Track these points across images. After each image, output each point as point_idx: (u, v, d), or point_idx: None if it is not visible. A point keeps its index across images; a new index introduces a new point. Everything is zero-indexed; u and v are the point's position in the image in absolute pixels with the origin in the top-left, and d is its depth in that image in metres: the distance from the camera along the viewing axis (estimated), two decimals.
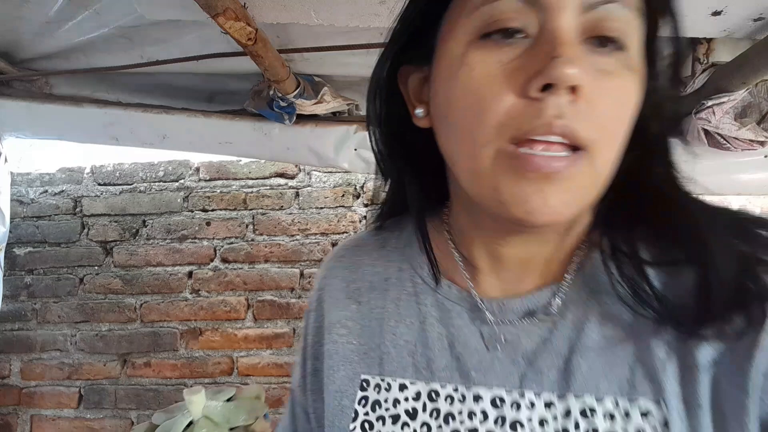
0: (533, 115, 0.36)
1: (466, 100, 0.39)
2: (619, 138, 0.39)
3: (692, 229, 0.42)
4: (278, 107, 1.27)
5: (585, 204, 0.40)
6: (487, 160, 0.38)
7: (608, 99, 0.37)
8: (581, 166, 0.37)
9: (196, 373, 1.98)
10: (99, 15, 1.14)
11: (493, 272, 0.48)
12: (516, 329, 0.46)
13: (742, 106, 1.10)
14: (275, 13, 0.98)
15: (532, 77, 0.36)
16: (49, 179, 2.11)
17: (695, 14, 0.94)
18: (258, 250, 2.01)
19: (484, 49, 0.38)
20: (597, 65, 0.37)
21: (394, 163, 0.52)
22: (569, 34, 0.36)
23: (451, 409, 0.45)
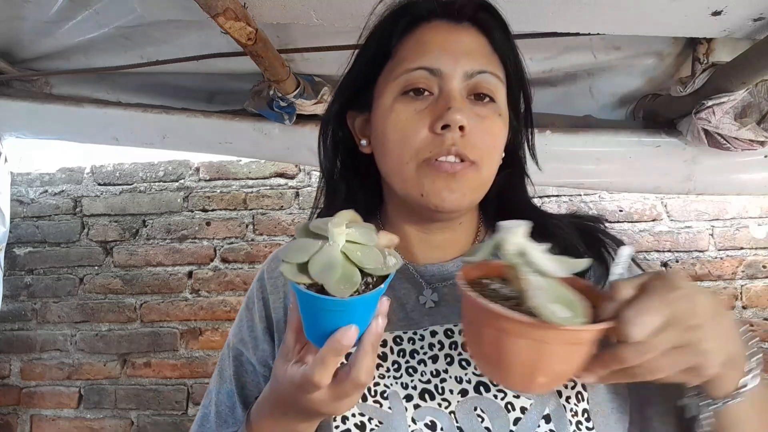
0: (438, 144, 0.59)
1: (395, 134, 0.62)
2: (495, 157, 0.64)
3: (544, 218, 0.67)
4: (278, 107, 1.27)
5: (475, 198, 0.63)
6: (412, 170, 0.61)
7: (484, 133, 0.61)
8: (471, 172, 0.60)
9: (196, 373, 1.98)
10: (99, 15, 1.14)
11: (424, 250, 0.69)
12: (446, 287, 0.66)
13: (742, 106, 1.10)
14: (275, 13, 0.98)
15: (436, 120, 0.59)
16: (49, 179, 2.11)
17: (695, 14, 0.94)
18: (258, 250, 2.01)
19: (404, 102, 0.62)
20: (477, 112, 0.61)
21: (344, 177, 0.73)
22: (458, 93, 0.60)
23: (414, 347, 0.62)
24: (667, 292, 0.43)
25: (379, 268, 0.47)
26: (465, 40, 0.62)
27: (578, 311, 0.42)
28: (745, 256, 1.88)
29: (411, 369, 0.61)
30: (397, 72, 0.62)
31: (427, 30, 0.63)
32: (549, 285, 0.43)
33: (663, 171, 1.28)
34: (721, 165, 1.26)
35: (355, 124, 0.71)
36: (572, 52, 1.18)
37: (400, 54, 0.63)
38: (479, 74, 0.61)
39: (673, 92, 1.14)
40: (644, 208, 1.92)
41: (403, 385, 0.60)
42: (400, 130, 0.61)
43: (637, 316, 0.42)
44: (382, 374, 0.61)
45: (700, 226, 1.90)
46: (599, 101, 1.32)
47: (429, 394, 0.59)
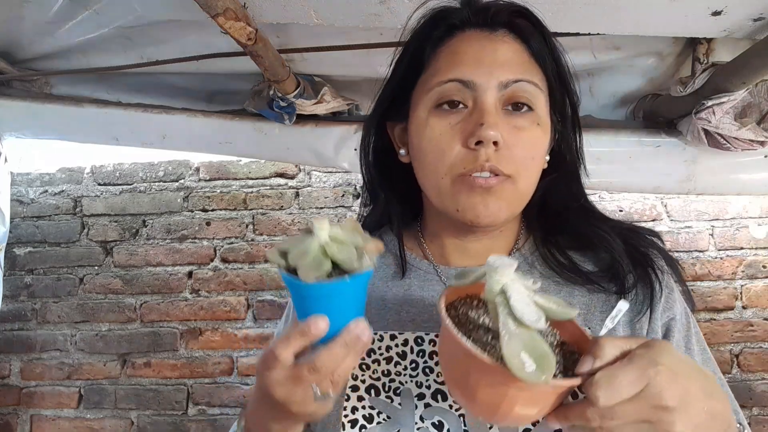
0: (472, 160, 0.59)
1: (430, 148, 0.62)
2: (533, 168, 0.62)
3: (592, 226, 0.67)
4: (278, 107, 1.27)
5: (512, 211, 0.63)
6: (447, 185, 0.61)
7: (521, 145, 0.60)
8: (507, 185, 0.60)
9: (196, 373, 1.98)
10: (99, 15, 1.14)
11: (460, 257, 0.69)
12: None
13: (742, 106, 1.10)
14: (275, 13, 0.98)
15: (469, 136, 0.58)
16: (49, 179, 2.11)
17: (695, 14, 0.94)
18: (258, 250, 2.01)
19: (439, 115, 0.61)
20: (514, 123, 0.60)
21: (381, 188, 0.73)
22: (492, 106, 0.59)
23: (434, 349, 0.62)
24: (648, 365, 0.42)
25: (349, 262, 0.49)
26: (500, 49, 0.61)
27: (547, 366, 0.41)
28: (745, 256, 1.88)
29: (428, 369, 0.61)
30: (431, 84, 0.62)
31: (461, 40, 0.62)
32: (524, 332, 0.42)
33: (663, 171, 1.28)
34: (721, 165, 1.26)
35: (395, 133, 0.71)
36: (572, 52, 1.16)
37: (434, 65, 0.63)
38: (515, 83, 0.59)
39: (673, 92, 1.14)
40: (644, 208, 1.92)
41: (418, 384, 0.61)
42: (434, 144, 0.61)
43: (609, 382, 0.41)
44: (398, 372, 0.62)
45: (700, 226, 1.90)
46: (599, 101, 1.32)
47: (441, 394, 0.60)
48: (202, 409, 1.96)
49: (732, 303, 1.87)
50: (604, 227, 0.66)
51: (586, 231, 0.66)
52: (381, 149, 0.73)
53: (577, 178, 0.69)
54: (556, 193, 0.69)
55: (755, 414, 1.83)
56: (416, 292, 0.68)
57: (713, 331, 1.85)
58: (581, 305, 0.63)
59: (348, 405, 0.61)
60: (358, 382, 0.62)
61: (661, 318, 0.63)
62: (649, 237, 0.68)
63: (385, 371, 0.62)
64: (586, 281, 0.64)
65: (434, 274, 0.69)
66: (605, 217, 0.69)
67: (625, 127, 1.29)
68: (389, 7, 0.95)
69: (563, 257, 0.66)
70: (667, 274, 0.65)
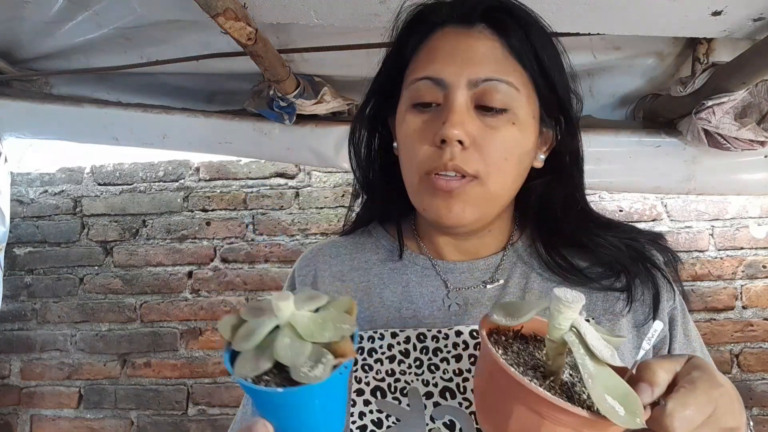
0: (437, 158, 0.58)
1: (406, 144, 0.62)
2: (507, 169, 0.59)
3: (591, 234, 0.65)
4: (278, 107, 1.27)
5: (482, 212, 0.60)
6: (416, 183, 0.61)
7: (493, 144, 0.58)
8: (472, 187, 0.58)
9: (196, 373, 1.98)
10: (99, 15, 1.14)
11: (453, 253, 0.68)
12: (479, 288, 0.65)
13: (742, 106, 1.10)
14: (275, 13, 0.98)
15: (435, 134, 0.57)
16: (49, 179, 2.11)
17: (695, 14, 0.94)
18: (258, 250, 2.01)
19: (414, 113, 0.61)
20: (486, 122, 0.58)
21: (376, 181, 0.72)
22: (460, 104, 0.57)
23: (437, 345, 0.61)
24: (711, 387, 0.41)
25: (294, 369, 0.39)
26: (474, 45, 0.58)
27: (635, 406, 0.38)
28: (745, 256, 1.88)
29: (433, 366, 0.60)
30: (408, 81, 0.62)
31: (438, 37, 0.61)
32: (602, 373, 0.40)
33: (663, 171, 1.28)
34: (721, 165, 1.26)
35: (393, 126, 0.70)
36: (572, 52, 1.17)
37: (414, 63, 0.62)
38: (485, 82, 0.57)
39: (673, 92, 1.14)
40: (644, 208, 1.92)
41: (424, 382, 0.59)
42: (409, 141, 0.61)
43: (683, 411, 0.39)
44: (403, 370, 0.60)
45: (700, 226, 1.90)
46: (599, 101, 1.32)
47: (450, 392, 0.58)
48: (202, 409, 1.96)
49: (732, 303, 1.86)
50: (600, 235, 0.65)
51: (584, 239, 0.65)
52: (377, 144, 0.72)
53: (575, 182, 0.66)
54: (554, 196, 0.66)
55: (755, 414, 1.83)
56: (415, 288, 0.67)
57: (713, 331, 1.85)
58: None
59: (355, 411, 0.59)
60: (362, 385, 0.60)
61: (666, 310, 0.64)
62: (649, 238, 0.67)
63: (389, 371, 0.60)
64: (585, 280, 0.63)
65: (432, 269, 0.68)
66: (606, 222, 0.67)
67: (625, 127, 1.29)
68: (389, 7, 0.95)
69: (559, 256, 0.65)
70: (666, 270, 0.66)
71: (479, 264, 0.67)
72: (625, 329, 0.61)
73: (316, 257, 0.73)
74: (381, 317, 0.65)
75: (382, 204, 0.73)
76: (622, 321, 0.62)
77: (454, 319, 0.63)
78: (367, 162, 0.72)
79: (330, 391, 0.41)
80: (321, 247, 0.75)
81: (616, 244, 0.64)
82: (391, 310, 0.65)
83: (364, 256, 0.72)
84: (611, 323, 0.61)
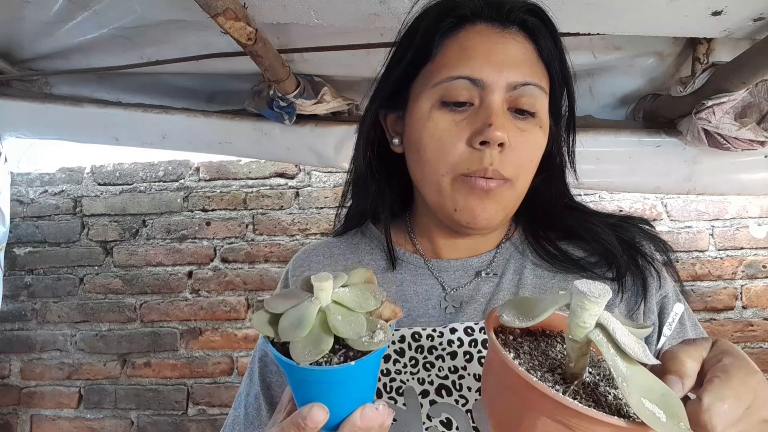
0: (476, 161, 0.57)
1: (432, 144, 0.59)
2: (532, 171, 0.62)
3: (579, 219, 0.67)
4: (278, 107, 1.27)
5: (508, 214, 0.63)
6: (446, 183, 0.60)
7: (524, 148, 0.59)
8: (506, 189, 0.59)
9: (196, 373, 1.98)
10: (99, 15, 1.14)
11: (450, 251, 0.69)
12: (473, 283, 0.66)
13: (742, 106, 1.10)
14: (275, 13, 0.98)
15: (475, 134, 0.57)
16: (49, 179, 2.11)
17: (695, 14, 0.94)
18: (258, 250, 2.01)
19: (444, 111, 0.59)
20: (517, 125, 0.58)
21: (372, 179, 0.70)
22: (499, 106, 0.57)
23: (432, 343, 0.61)
24: (747, 375, 0.38)
25: (358, 340, 0.40)
26: (511, 48, 0.58)
27: (677, 409, 0.34)
28: (745, 256, 1.88)
29: (428, 364, 0.60)
30: (438, 78, 0.59)
31: (471, 33, 0.59)
32: (637, 373, 0.36)
33: (663, 171, 1.28)
34: (721, 165, 1.26)
35: (387, 122, 0.69)
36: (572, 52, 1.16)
37: (442, 58, 0.60)
38: (523, 86, 0.57)
39: (673, 92, 1.14)
40: (644, 208, 1.92)
41: (420, 380, 0.59)
42: (437, 140, 0.59)
43: (721, 405, 0.36)
44: (398, 370, 0.60)
45: (700, 226, 1.90)
46: (599, 101, 1.32)
47: (446, 390, 0.58)
48: (202, 409, 1.96)
49: (732, 303, 1.86)
50: (591, 220, 0.66)
51: (573, 224, 0.67)
52: (374, 138, 0.71)
53: (562, 179, 0.68)
54: (544, 191, 0.68)
55: None
56: (409, 287, 0.67)
57: (713, 331, 1.85)
58: None
59: None
60: None
61: (655, 298, 0.64)
62: (635, 224, 0.67)
63: (384, 370, 0.60)
64: (578, 268, 0.64)
65: (425, 268, 0.68)
66: (592, 211, 0.69)
67: (625, 127, 1.29)
68: (389, 7, 0.95)
69: (553, 246, 0.66)
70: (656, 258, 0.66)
71: (473, 262, 0.68)
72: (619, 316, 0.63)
73: (310, 257, 0.73)
74: None
75: (375, 203, 0.73)
76: (615, 311, 0.61)
77: (448, 317, 0.64)
78: (365, 156, 0.71)
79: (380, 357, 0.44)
80: (314, 248, 0.75)
81: (606, 231, 0.64)
82: None
83: (357, 257, 0.72)
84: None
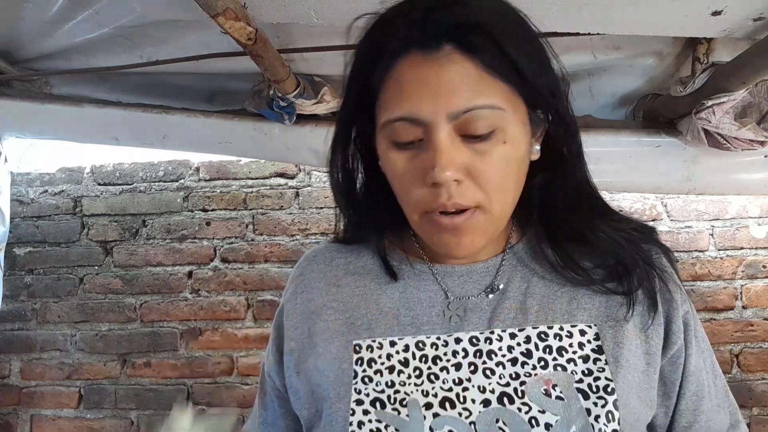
0: (434, 199, 0.54)
1: (395, 182, 0.59)
2: (507, 188, 0.57)
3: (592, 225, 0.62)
4: (278, 107, 1.27)
5: (490, 236, 0.59)
6: (416, 219, 0.59)
7: (488, 170, 0.54)
8: (478, 216, 0.56)
9: (196, 373, 1.98)
10: (99, 15, 1.14)
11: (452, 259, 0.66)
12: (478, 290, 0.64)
13: (742, 106, 1.10)
14: (275, 13, 0.98)
15: (426, 175, 0.53)
16: (49, 179, 2.11)
17: (695, 14, 0.94)
18: (258, 250, 2.01)
19: (397, 151, 0.56)
20: (475, 149, 0.53)
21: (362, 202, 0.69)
22: (444, 142, 0.52)
23: (437, 353, 0.60)
24: None
25: None
26: (444, 74, 0.52)
27: None
28: (745, 256, 1.88)
29: (433, 376, 0.59)
30: (382, 120, 0.56)
31: (404, 67, 0.54)
32: None
33: (663, 171, 1.28)
34: (721, 165, 1.26)
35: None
36: (572, 52, 1.18)
37: (383, 97, 0.56)
38: (466, 113, 0.52)
39: (673, 92, 1.14)
40: (644, 208, 1.91)
41: (424, 392, 0.58)
42: (398, 180, 0.58)
43: None
44: (402, 381, 0.59)
45: (700, 226, 1.90)
46: (599, 101, 1.32)
47: (450, 402, 0.57)
48: (203, 409, 1.96)
49: (732, 303, 1.86)
50: (606, 231, 0.62)
51: (584, 229, 0.62)
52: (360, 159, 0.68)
53: (577, 171, 0.63)
54: (557, 190, 0.63)
55: (755, 414, 1.83)
56: (413, 294, 0.65)
57: (713, 331, 1.85)
58: (586, 308, 0.61)
59: (354, 420, 0.58)
60: (362, 396, 0.59)
61: (681, 311, 0.62)
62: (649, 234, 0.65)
63: (389, 382, 0.59)
64: (588, 281, 0.61)
65: (429, 273, 0.66)
66: (606, 210, 0.64)
67: (625, 127, 1.29)
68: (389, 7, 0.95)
69: (562, 255, 0.63)
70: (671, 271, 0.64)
71: (478, 267, 0.65)
72: (631, 334, 0.59)
73: (311, 265, 0.72)
74: (379, 325, 0.64)
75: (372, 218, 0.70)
76: (627, 326, 0.60)
77: (453, 326, 0.62)
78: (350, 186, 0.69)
79: None
80: (316, 254, 0.73)
81: (619, 241, 0.61)
82: (389, 317, 0.64)
83: (361, 261, 0.70)
84: (614, 330, 0.59)
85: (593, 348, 0.58)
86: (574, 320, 0.60)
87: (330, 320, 0.65)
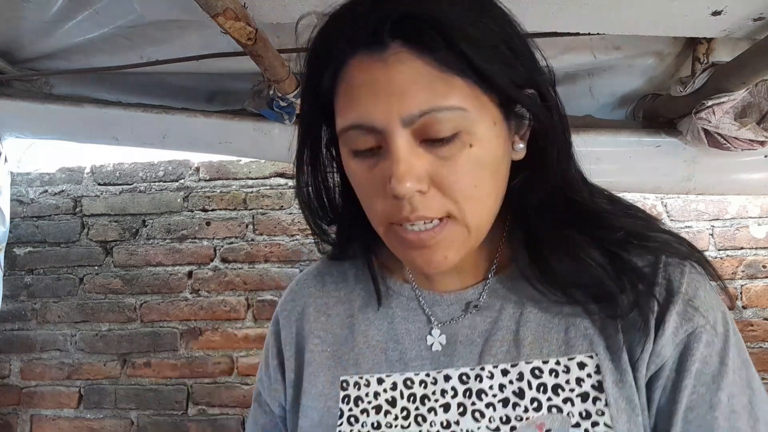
0: (397, 211, 0.48)
1: (359, 192, 0.53)
2: (480, 193, 0.49)
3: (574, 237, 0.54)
4: (278, 107, 1.27)
5: (467, 248, 0.52)
6: (382, 232, 0.53)
7: (454, 177, 0.47)
8: (449, 228, 0.49)
9: (196, 373, 1.98)
10: (99, 15, 1.14)
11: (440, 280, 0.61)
12: (468, 319, 0.58)
13: (742, 106, 1.10)
14: (275, 13, 0.98)
15: (386, 186, 0.47)
16: (49, 179, 2.11)
17: (695, 14, 0.94)
18: (258, 250, 2.01)
19: (356, 160, 0.51)
20: (438, 154, 0.47)
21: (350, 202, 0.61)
22: (402, 148, 0.46)
23: (425, 391, 0.56)
24: None
25: None
26: (395, 75, 0.46)
27: None
28: (745, 256, 1.88)
29: (420, 417, 0.55)
30: (338, 128, 0.51)
31: (354, 70, 0.48)
32: None
33: (663, 171, 1.28)
34: (721, 165, 1.26)
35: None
36: (572, 52, 1.18)
37: (336, 103, 0.51)
38: (422, 116, 0.46)
39: (673, 92, 1.14)
40: (644, 208, 1.91)
41: None
42: (361, 192, 0.53)
43: None
44: (389, 423, 0.56)
45: (700, 226, 1.90)
46: (599, 101, 1.32)
47: None
48: (202, 409, 1.96)
49: (732, 303, 1.86)
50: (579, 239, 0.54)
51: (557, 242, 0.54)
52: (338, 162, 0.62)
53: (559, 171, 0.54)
54: (532, 195, 0.55)
55: None
56: (400, 325, 0.60)
57: None
58: (586, 335, 0.54)
59: None
60: None
61: (675, 337, 0.50)
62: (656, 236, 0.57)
63: (375, 423, 0.56)
64: (585, 313, 0.54)
65: (415, 300, 0.61)
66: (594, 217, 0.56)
67: (625, 127, 1.29)
68: None
69: (552, 282, 0.55)
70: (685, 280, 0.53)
71: (467, 294, 0.59)
72: (627, 364, 0.52)
73: (303, 289, 0.68)
74: (367, 360, 0.60)
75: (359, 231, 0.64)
76: (624, 357, 0.52)
77: (443, 361, 0.57)
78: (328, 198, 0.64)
79: None
80: (306, 278, 0.70)
81: (596, 259, 0.52)
82: (377, 351, 0.60)
83: (348, 286, 0.66)
84: (614, 363, 0.52)
85: (593, 384, 0.51)
86: (571, 352, 0.53)
87: (317, 351, 0.62)
